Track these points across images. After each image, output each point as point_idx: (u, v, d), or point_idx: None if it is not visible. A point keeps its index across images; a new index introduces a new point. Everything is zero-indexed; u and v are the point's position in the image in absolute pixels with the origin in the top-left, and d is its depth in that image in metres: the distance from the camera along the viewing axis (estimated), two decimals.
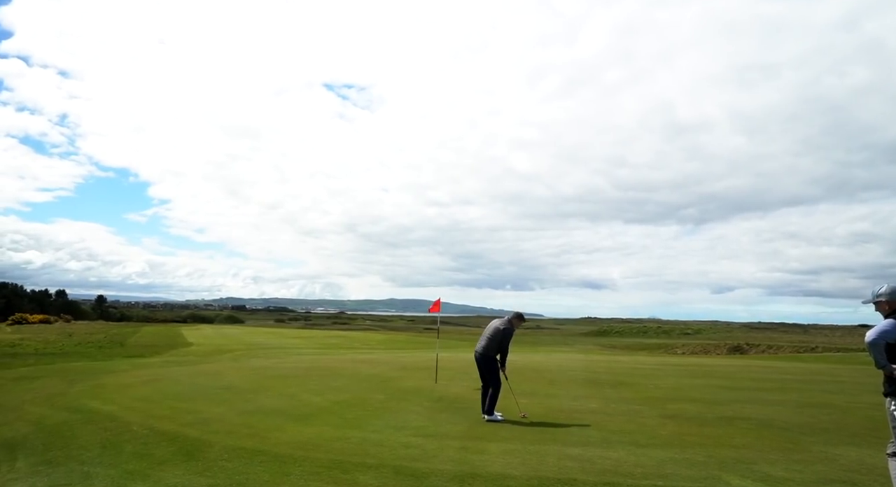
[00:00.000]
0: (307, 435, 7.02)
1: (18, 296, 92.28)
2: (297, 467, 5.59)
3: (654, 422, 8.15)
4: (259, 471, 5.46)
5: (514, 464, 5.76)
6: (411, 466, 5.63)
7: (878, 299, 4.74)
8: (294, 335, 50.16)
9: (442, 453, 6.20)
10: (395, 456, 6.02)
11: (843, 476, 5.50)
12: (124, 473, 5.49)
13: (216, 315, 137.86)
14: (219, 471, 5.47)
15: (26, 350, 27.95)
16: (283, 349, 30.06)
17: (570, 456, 6.11)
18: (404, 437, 6.97)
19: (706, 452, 6.39)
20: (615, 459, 6.04)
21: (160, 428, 7.38)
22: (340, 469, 5.50)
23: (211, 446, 6.47)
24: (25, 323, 62.27)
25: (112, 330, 51.31)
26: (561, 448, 6.47)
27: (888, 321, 4.50)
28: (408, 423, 7.91)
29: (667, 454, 6.28)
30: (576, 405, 9.76)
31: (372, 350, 31.29)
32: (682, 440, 7.01)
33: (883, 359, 4.42)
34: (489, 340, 8.66)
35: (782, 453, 6.41)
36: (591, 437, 7.11)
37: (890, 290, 4.69)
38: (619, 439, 7.01)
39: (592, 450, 6.40)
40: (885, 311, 4.68)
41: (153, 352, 27.02)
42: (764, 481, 5.33)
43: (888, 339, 4.43)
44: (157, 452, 6.25)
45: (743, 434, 7.42)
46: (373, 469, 5.51)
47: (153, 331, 51.21)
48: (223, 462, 5.82)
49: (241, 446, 6.44)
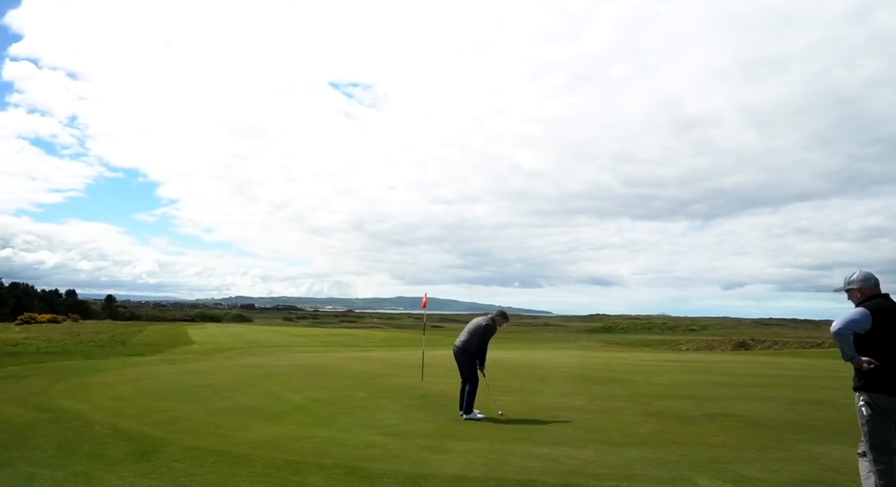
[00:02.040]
0: (271, 434, 6.82)
1: (29, 296, 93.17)
2: (249, 468, 5.38)
3: (636, 420, 7.88)
4: (208, 473, 5.26)
5: (475, 464, 5.52)
6: (367, 466, 5.41)
7: (850, 286, 4.43)
8: (298, 333, 50.12)
9: (404, 453, 5.97)
10: (353, 456, 5.79)
11: (820, 477, 5.21)
12: (70, 475, 5.30)
13: (225, 314, 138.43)
14: (166, 473, 5.28)
15: (28, 348, 27.99)
16: (283, 347, 29.97)
17: (537, 456, 5.86)
18: (370, 436, 6.75)
19: (682, 451, 6.12)
20: (583, 459, 5.78)
21: (124, 428, 7.21)
22: (292, 470, 5.28)
23: (169, 446, 6.28)
24: (34, 322, 62.66)
25: (118, 329, 51.47)
26: (530, 448, 6.22)
27: (857, 310, 4.18)
28: (379, 421, 7.69)
29: (639, 453, 6.02)
30: (560, 402, 9.50)
31: (375, 347, 31.13)
32: (660, 438, 6.74)
33: (850, 351, 4.11)
34: (470, 335, 8.44)
35: (762, 452, 6.13)
36: (564, 436, 6.86)
37: (862, 277, 4.38)
38: (594, 437, 6.75)
39: (562, 449, 6.14)
40: (856, 299, 4.38)
41: (154, 351, 26.99)
42: (735, 482, 5.06)
43: (856, 329, 4.10)
44: (112, 453, 6.07)
45: (725, 432, 7.13)
46: (326, 470, 5.29)
47: (158, 330, 51.33)
48: (175, 462, 5.62)
49: (199, 446, 6.24)
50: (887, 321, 4.08)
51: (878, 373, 4.02)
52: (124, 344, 31.96)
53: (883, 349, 4.03)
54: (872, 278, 4.34)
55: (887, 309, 4.14)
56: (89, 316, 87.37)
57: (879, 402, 4.03)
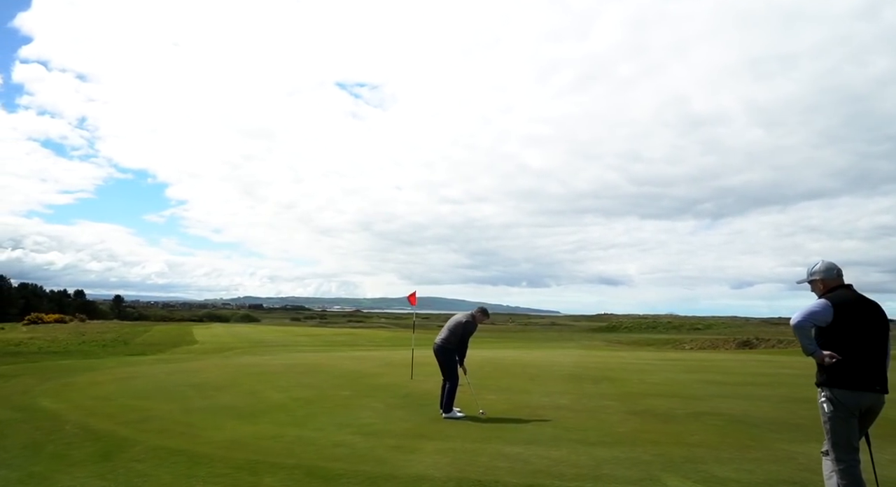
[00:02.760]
0: (242, 434, 6.71)
1: (37, 296, 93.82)
2: (208, 468, 5.26)
3: (617, 419, 7.71)
4: (164, 473, 5.14)
5: (440, 465, 5.37)
6: (328, 467, 5.28)
7: (812, 277, 4.23)
8: (303, 333, 50.08)
9: (371, 453, 5.84)
10: (318, 456, 5.67)
11: (794, 477, 5.03)
12: (25, 476, 5.19)
13: (232, 314, 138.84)
14: (123, 473, 5.16)
15: (30, 348, 28.04)
16: (284, 346, 29.93)
17: (506, 456, 5.71)
18: (342, 436, 6.62)
19: (657, 450, 5.95)
20: (554, 458, 5.63)
21: (95, 427, 7.11)
22: (251, 471, 5.16)
23: (135, 445, 6.17)
24: (41, 322, 62.92)
25: (124, 329, 51.63)
26: (501, 447, 6.07)
27: (818, 302, 3.99)
28: (355, 421, 7.56)
29: (613, 452, 5.86)
30: (545, 401, 9.34)
31: (376, 347, 31.00)
32: (638, 437, 6.57)
33: (811, 345, 3.91)
34: (450, 333, 8.30)
35: (739, 451, 5.95)
36: (540, 435, 6.71)
37: (824, 267, 4.19)
38: (570, 436, 6.59)
39: (534, 449, 5.99)
40: (819, 291, 4.18)
41: (155, 351, 27.01)
42: (706, 482, 4.89)
43: (817, 322, 3.90)
44: (75, 453, 5.95)
45: (706, 430, 6.95)
46: (285, 471, 5.16)
47: (164, 330, 51.44)
48: (136, 462, 5.51)
49: (165, 446, 6.13)
50: (849, 313, 3.89)
51: (840, 368, 3.83)
52: (126, 344, 32.01)
53: (845, 342, 3.85)
54: (835, 268, 4.15)
55: (850, 301, 3.95)
56: (97, 316, 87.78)
57: (841, 398, 3.84)
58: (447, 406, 7.99)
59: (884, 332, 3.94)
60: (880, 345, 3.90)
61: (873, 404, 3.89)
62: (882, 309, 4.03)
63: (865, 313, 3.93)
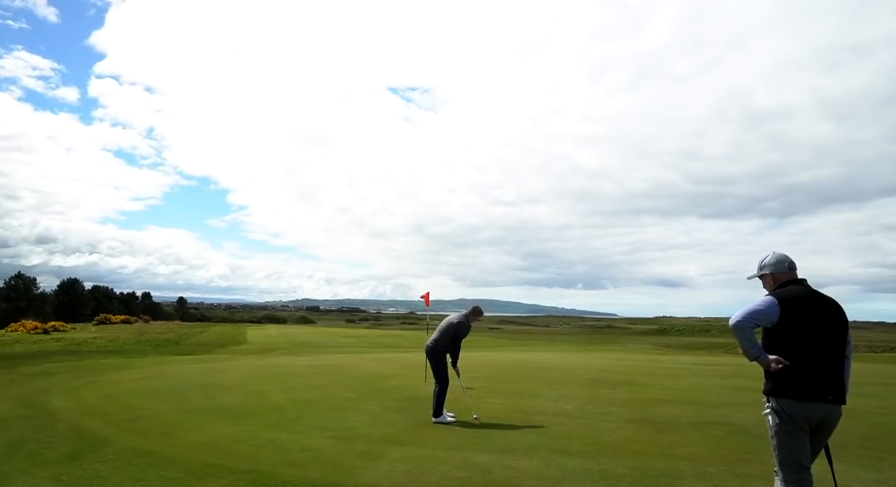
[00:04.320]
0: (218, 436, 6.65)
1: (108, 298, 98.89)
2: (160, 471, 5.20)
3: (612, 427, 7.26)
4: (116, 475, 5.10)
5: (394, 473, 5.14)
6: (279, 473, 5.12)
7: (763, 272, 3.76)
8: (350, 334, 50.67)
9: (332, 459, 5.66)
10: (276, 461, 5.53)
11: None
12: None
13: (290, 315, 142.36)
14: (80, 474, 5.15)
15: (89, 347, 29.42)
16: (327, 347, 30.33)
17: (471, 465, 5.41)
18: (316, 439, 6.47)
19: (637, 462, 5.52)
20: (520, 468, 5.30)
21: (83, 426, 7.24)
22: (199, 475, 5.06)
23: (109, 445, 6.21)
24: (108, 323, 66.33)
25: (182, 330, 53.53)
26: (471, 455, 5.77)
27: (763, 299, 3.48)
28: (341, 424, 7.40)
29: (587, 464, 5.46)
30: (549, 406, 8.93)
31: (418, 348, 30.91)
32: (623, 448, 6.13)
33: (754, 348, 3.41)
34: (441, 334, 8.04)
35: (729, 465, 5.44)
36: (521, 442, 6.35)
37: (774, 260, 3.68)
38: (552, 445, 6.22)
39: (505, 458, 5.66)
40: (769, 286, 3.69)
41: (202, 351, 27.86)
42: None
43: (760, 322, 3.39)
44: (50, 452, 6.02)
45: (703, 441, 6.43)
46: (234, 476, 5.03)
47: (219, 331, 53.08)
48: (98, 463, 5.51)
49: (137, 447, 6.13)
50: (799, 312, 3.39)
51: (787, 375, 3.36)
52: (178, 344, 33.11)
53: (793, 345, 3.37)
54: (787, 260, 3.66)
55: (799, 298, 3.45)
56: (162, 317, 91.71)
57: (788, 409, 3.37)
58: (436, 411, 7.73)
59: (840, 334, 3.44)
60: (835, 349, 3.41)
61: (826, 416, 3.40)
62: (841, 308, 3.52)
63: (819, 312, 3.43)
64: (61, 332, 41.91)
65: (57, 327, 44.56)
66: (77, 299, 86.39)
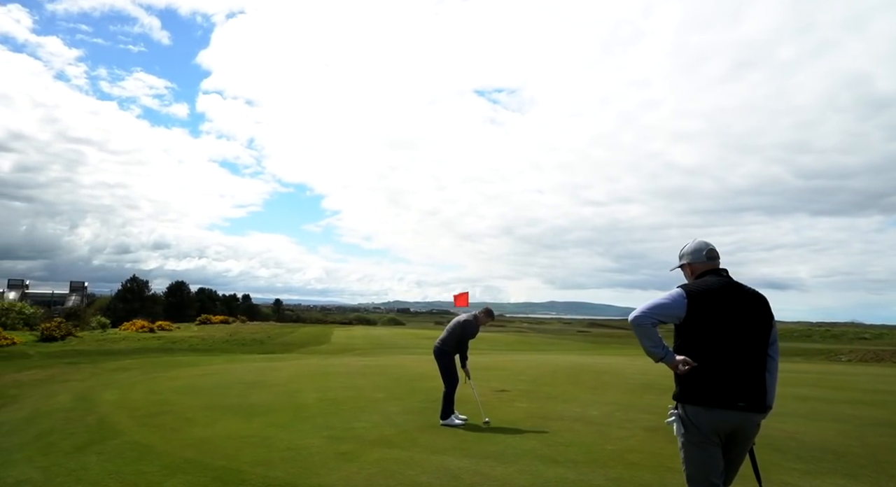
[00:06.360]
0: (218, 432, 6.80)
1: (211, 300, 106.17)
2: (139, 465, 5.36)
3: (624, 435, 6.75)
4: (98, 468, 5.31)
5: (356, 476, 5.01)
6: (245, 470, 5.13)
7: (681, 262, 3.28)
8: (428, 336, 51.14)
9: (309, 458, 5.61)
10: (252, 460, 5.55)
11: None
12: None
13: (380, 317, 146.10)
14: (68, 466, 5.42)
15: (181, 345, 31.40)
16: (399, 348, 30.79)
17: (442, 469, 5.19)
18: (308, 439, 6.46)
19: (624, 473, 5.09)
20: (490, 475, 5.02)
21: (108, 420, 7.66)
22: (170, 471, 5.16)
23: (116, 438, 6.52)
24: (209, 323, 71.13)
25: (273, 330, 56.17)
26: (449, 460, 5.54)
27: (669, 292, 3.01)
28: (346, 424, 7.37)
29: (568, 473, 5.09)
30: (574, 411, 8.49)
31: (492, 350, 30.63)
32: (619, 458, 5.67)
33: (657, 348, 2.93)
34: (448, 334, 7.92)
35: None
36: (512, 449, 6.03)
37: (692, 249, 3.21)
38: (545, 452, 5.86)
39: (483, 464, 5.39)
40: (688, 278, 3.23)
41: (283, 350, 29.15)
42: None
43: (665, 318, 2.94)
44: (63, 444, 6.38)
45: None
46: (202, 472, 5.10)
47: (307, 331, 55.14)
48: (94, 455, 5.79)
49: (140, 441, 6.39)
50: (709, 306, 2.92)
51: (695, 378, 2.91)
52: (263, 344, 34.70)
53: (702, 344, 2.91)
54: (705, 249, 3.18)
55: (711, 291, 2.97)
56: (259, 318, 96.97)
57: (694, 418, 2.91)
58: (444, 413, 7.55)
59: (762, 331, 2.95)
60: (753, 348, 2.92)
61: (740, 426, 2.91)
62: (765, 301, 3.01)
63: (735, 306, 2.94)
64: (166, 331, 45.08)
65: (163, 326, 47.99)
66: (184, 300, 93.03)
